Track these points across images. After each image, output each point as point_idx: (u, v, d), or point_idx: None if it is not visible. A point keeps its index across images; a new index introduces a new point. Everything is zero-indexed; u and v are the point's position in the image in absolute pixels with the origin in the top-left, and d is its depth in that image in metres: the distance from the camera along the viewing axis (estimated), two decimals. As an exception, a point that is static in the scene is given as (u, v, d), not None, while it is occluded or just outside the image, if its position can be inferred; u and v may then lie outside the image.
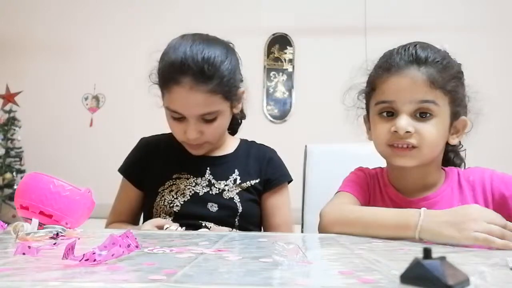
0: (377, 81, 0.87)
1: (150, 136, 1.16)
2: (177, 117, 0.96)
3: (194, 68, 0.91)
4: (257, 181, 1.06)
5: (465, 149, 0.97)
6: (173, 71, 0.92)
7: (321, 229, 0.84)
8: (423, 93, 0.81)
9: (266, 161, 1.10)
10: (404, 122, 0.81)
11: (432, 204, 0.85)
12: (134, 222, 1.10)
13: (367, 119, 0.95)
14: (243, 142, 1.15)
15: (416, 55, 0.83)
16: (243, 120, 1.18)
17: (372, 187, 0.95)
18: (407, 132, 0.81)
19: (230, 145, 1.12)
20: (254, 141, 1.17)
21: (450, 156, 0.96)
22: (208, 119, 0.96)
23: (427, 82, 0.81)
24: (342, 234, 0.77)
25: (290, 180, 1.12)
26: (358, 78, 0.94)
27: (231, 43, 1.05)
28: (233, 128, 1.15)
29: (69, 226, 0.73)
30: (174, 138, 1.04)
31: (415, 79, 0.82)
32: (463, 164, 0.97)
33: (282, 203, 1.10)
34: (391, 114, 0.85)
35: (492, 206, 0.84)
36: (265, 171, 1.08)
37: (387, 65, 0.86)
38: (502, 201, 0.84)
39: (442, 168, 0.93)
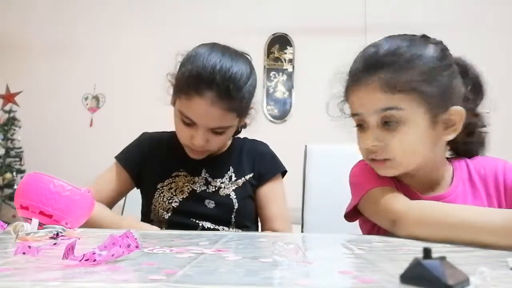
0: (346, 92, 0.83)
1: (152, 132, 1.17)
2: (188, 122, 0.97)
3: (220, 85, 0.91)
4: (251, 175, 1.08)
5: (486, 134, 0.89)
6: (198, 82, 0.92)
7: (404, 230, 0.70)
8: (384, 100, 0.74)
9: (258, 155, 1.12)
10: (370, 139, 0.77)
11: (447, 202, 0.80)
12: (107, 205, 1.08)
13: None
14: (236, 139, 1.16)
15: (369, 59, 0.78)
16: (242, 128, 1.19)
17: (392, 182, 0.85)
18: (374, 146, 0.77)
19: (224, 145, 1.13)
20: (246, 137, 1.18)
21: (474, 129, 0.86)
22: (217, 131, 0.98)
23: (384, 88, 0.74)
24: (426, 239, 0.65)
25: (284, 172, 1.13)
26: (338, 86, 0.88)
27: (248, 55, 1.06)
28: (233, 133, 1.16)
29: (69, 226, 0.73)
30: (175, 137, 1.05)
31: (370, 87, 0.75)
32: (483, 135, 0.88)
33: (276, 194, 1.10)
34: (363, 125, 0.81)
35: (504, 198, 0.81)
36: (258, 165, 1.10)
37: (350, 75, 0.81)
38: None
39: (448, 160, 0.87)
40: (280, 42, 3.30)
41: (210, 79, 0.91)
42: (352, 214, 0.87)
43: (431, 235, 0.65)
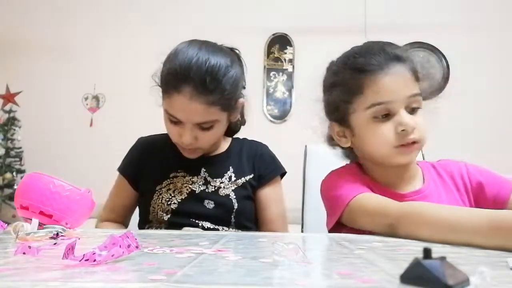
0: (364, 84, 0.84)
1: (147, 136, 1.18)
2: (174, 121, 0.97)
3: (196, 79, 0.91)
4: (251, 176, 1.08)
5: None
6: (176, 78, 0.92)
7: (405, 232, 0.71)
8: (412, 87, 0.84)
9: (258, 157, 1.12)
10: (409, 119, 0.82)
11: (423, 197, 0.86)
12: (125, 221, 1.12)
13: (339, 126, 0.92)
14: (234, 140, 1.16)
15: (394, 53, 0.85)
16: (242, 126, 1.19)
17: (367, 185, 0.89)
18: (410, 127, 0.81)
19: (223, 144, 1.13)
20: (246, 138, 1.18)
21: None
22: (204, 127, 0.97)
23: (412, 76, 0.84)
24: (425, 240, 0.65)
25: (283, 173, 1.13)
26: (318, 88, 0.95)
27: (237, 50, 1.07)
28: (231, 132, 1.16)
29: (69, 226, 0.73)
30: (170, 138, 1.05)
31: (403, 75, 0.84)
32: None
33: (276, 196, 1.11)
34: (385, 115, 0.83)
35: (471, 194, 0.88)
36: (258, 166, 1.10)
37: (371, 67, 0.84)
38: (479, 187, 0.89)
39: None
40: (280, 42, 3.30)
41: (186, 74, 0.91)
42: (335, 229, 0.85)
43: (429, 236, 0.66)
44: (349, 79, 0.87)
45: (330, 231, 0.87)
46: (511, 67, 2.97)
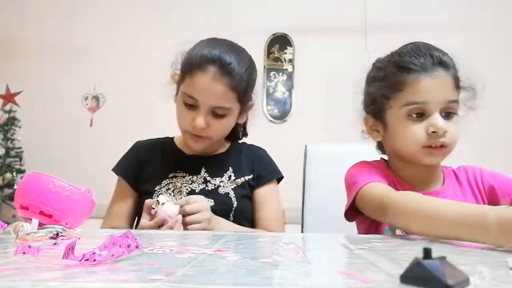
0: (405, 82, 0.87)
1: (145, 140, 1.19)
2: (190, 104, 1.00)
3: (222, 61, 0.98)
4: (250, 176, 1.10)
5: None
6: (202, 60, 0.98)
7: (391, 219, 0.76)
8: (451, 94, 0.86)
9: (257, 158, 1.15)
10: (442, 122, 0.85)
11: (441, 198, 0.86)
12: (129, 225, 1.11)
13: (374, 120, 0.96)
14: (234, 143, 1.18)
15: (440, 58, 0.88)
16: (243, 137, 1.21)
17: (388, 179, 0.92)
18: (440, 130, 0.84)
19: (223, 146, 1.16)
20: (244, 142, 1.21)
21: None
22: (218, 113, 1.00)
23: (453, 83, 0.87)
24: (409, 230, 0.69)
25: (280, 178, 1.16)
26: (361, 81, 0.97)
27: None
28: (232, 138, 1.17)
29: (69, 226, 0.73)
30: (170, 142, 1.06)
31: (444, 80, 0.86)
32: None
33: (271, 197, 1.12)
34: (419, 115, 0.87)
35: (485, 197, 0.92)
36: (256, 167, 1.12)
37: (415, 67, 0.87)
38: (491, 191, 0.92)
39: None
40: (280, 42, 3.29)
41: (213, 57, 0.98)
42: (350, 213, 0.91)
43: (413, 226, 0.69)
44: (391, 75, 0.90)
45: (345, 213, 0.91)
46: (511, 67, 2.98)
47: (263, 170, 1.13)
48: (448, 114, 0.86)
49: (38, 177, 0.75)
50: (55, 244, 0.52)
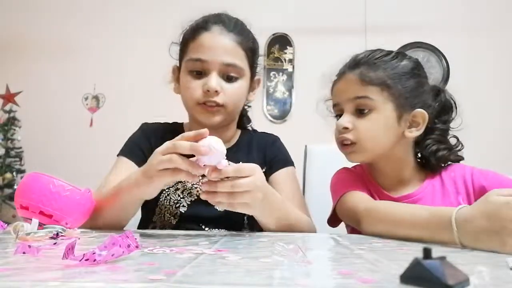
0: (331, 89, 0.99)
1: (153, 123, 1.10)
2: (198, 70, 0.95)
3: (226, 21, 0.98)
4: (263, 170, 1.01)
5: (462, 147, 0.98)
6: (205, 21, 0.99)
7: (365, 228, 0.80)
8: (356, 91, 0.89)
9: (269, 145, 1.09)
10: (342, 120, 0.89)
11: (413, 201, 0.90)
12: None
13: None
14: (244, 133, 1.11)
15: (351, 60, 0.94)
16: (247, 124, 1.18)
17: (365, 185, 0.96)
18: (345, 128, 0.89)
19: (233, 136, 1.09)
20: (256, 130, 1.16)
21: (431, 156, 0.94)
22: (230, 74, 0.95)
23: (359, 80, 0.89)
24: (383, 236, 0.72)
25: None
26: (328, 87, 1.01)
27: None
28: (241, 122, 1.13)
29: (69, 226, 0.73)
30: (180, 129, 1.04)
31: (348, 80, 0.91)
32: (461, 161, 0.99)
33: (289, 177, 1.03)
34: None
35: (473, 198, 0.91)
36: (269, 153, 1.06)
37: (336, 75, 0.97)
38: (481, 192, 0.90)
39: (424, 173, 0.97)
40: (280, 42, 3.29)
41: (217, 17, 0.99)
42: (334, 219, 0.97)
43: (385, 232, 0.73)
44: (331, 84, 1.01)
45: (329, 219, 0.98)
46: (511, 67, 2.98)
47: (275, 155, 1.06)
48: (360, 111, 0.89)
49: (38, 177, 0.75)
50: (55, 244, 0.52)
